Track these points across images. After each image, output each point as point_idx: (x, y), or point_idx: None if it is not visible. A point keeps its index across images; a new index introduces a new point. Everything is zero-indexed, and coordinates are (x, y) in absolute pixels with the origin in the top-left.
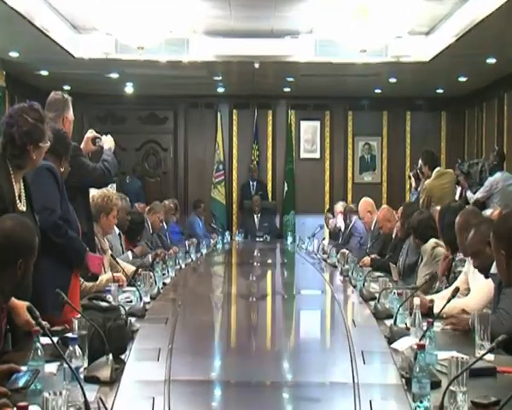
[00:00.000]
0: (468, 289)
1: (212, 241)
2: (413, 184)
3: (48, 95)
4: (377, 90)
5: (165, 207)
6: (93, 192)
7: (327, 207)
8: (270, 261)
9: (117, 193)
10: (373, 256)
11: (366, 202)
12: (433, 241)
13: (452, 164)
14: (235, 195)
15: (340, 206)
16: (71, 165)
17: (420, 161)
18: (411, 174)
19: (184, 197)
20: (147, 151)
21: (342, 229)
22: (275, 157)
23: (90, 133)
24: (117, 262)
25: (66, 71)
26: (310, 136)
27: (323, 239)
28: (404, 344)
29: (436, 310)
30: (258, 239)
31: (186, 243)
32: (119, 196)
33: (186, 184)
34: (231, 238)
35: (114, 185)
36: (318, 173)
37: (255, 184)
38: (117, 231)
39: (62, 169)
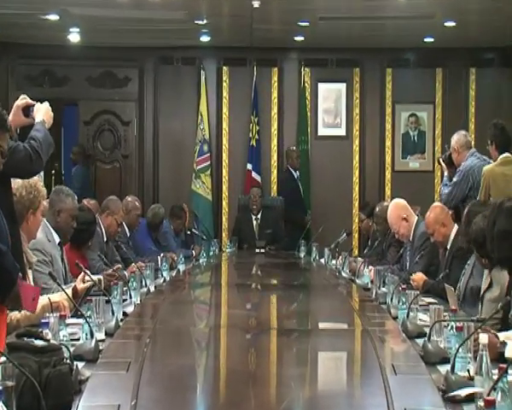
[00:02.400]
0: None
1: (193, 253)
2: (445, 173)
3: None
4: (428, 39)
5: (127, 205)
6: (13, 184)
7: (355, 204)
8: (274, 282)
9: (62, 187)
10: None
11: (397, 206)
12: None
13: None
14: (225, 187)
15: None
16: None
17: (452, 141)
18: (441, 159)
19: (153, 191)
20: (100, 126)
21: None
22: (281, 134)
23: (22, 100)
24: (58, 284)
25: None
26: (332, 104)
27: (351, 251)
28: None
29: (508, 354)
30: (257, 250)
31: (157, 256)
32: (66, 192)
33: (156, 172)
34: (220, 249)
35: (42, 174)
36: (344, 157)
37: (297, 175)
38: (57, 239)
39: None
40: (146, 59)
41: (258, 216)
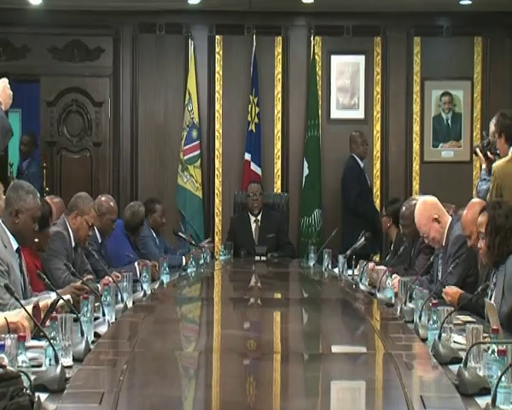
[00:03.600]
0: None
1: (183, 259)
2: (483, 165)
3: None
4: (465, 2)
5: (100, 207)
6: None
7: (376, 201)
8: (278, 296)
9: (22, 182)
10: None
11: (427, 204)
12: None
13: None
14: (218, 181)
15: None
16: None
17: (491, 126)
18: (478, 148)
19: (131, 187)
20: (66, 107)
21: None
22: (287, 117)
23: None
24: (16, 299)
25: None
26: (347, 81)
27: (372, 258)
28: None
29: None
30: (257, 258)
31: (136, 265)
32: (26, 188)
33: (134, 163)
34: (212, 256)
35: None
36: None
37: (363, 165)
38: (14, 245)
39: None
40: (122, 26)
41: (258, 217)
